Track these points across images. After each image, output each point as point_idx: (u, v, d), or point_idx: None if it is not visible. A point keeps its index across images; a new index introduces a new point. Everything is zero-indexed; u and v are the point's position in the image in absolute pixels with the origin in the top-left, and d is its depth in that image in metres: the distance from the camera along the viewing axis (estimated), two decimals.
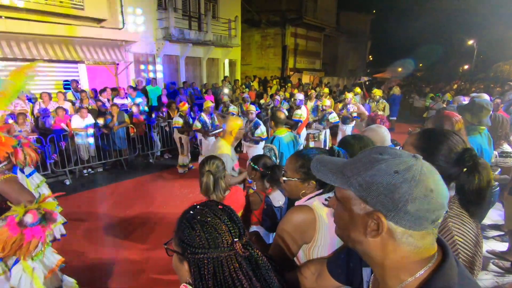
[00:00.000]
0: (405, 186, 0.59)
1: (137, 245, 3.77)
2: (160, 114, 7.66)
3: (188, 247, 0.82)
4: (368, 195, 0.63)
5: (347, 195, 0.68)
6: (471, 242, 1.05)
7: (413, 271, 0.64)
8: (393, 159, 0.63)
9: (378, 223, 0.63)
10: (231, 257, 0.82)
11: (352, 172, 0.66)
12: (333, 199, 0.77)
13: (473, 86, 17.11)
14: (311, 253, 1.26)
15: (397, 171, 0.61)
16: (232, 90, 11.18)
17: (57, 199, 1.99)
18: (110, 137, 6.52)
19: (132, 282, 3.10)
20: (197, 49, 12.38)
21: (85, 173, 6.41)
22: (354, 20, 24.16)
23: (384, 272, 0.68)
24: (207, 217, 0.86)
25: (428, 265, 0.64)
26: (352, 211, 0.68)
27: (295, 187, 1.39)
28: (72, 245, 3.73)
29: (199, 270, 0.81)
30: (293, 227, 1.25)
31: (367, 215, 0.64)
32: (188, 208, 0.92)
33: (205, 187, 1.90)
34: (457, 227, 1.07)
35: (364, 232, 0.66)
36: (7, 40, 7.24)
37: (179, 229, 0.87)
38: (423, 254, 0.64)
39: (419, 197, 0.59)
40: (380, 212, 0.62)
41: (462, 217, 1.10)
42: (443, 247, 0.68)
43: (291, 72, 18.77)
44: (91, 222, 4.34)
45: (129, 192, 5.51)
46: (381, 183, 0.61)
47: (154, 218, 4.48)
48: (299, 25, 18.91)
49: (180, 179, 6.20)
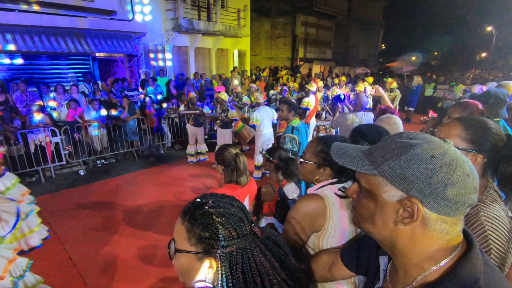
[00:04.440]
0: (444, 170, 0.59)
1: (149, 233, 3.85)
2: (170, 105, 7.70)
3: (216, 243, 0.78)
4: (402, 181, 0.61)
5: (375, 182, 0.66)
6: (504, 238, 1.00)
7: (438, 260, 0.63)
8: (427, 143, 0.62)
9: (412, 210, 0.61)
10: (253, 242, 0.81)
11: (383, 158, 0.64)
12: (354, 188, 0.74)
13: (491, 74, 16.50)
14: (321, 242, 1.25)
15: (433, 156, 0.60)
16: (241, 81, 11.12)
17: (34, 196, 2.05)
18: (121, 128, 6.60)
19: (143, 273, 3.18)
20: (206, 40, 12.31)
21: (98, 163, 6.54)
22: (366, 8, 23.42)
23: (407, 261, 0.67)
24: (230, 208, 0.83)
25: (453, 253, 0.63)
26: (381, 198, 0.65)
27: (310, 171, 1.38)
28: (87, 233, 3.84)
29: (229, 264, 0.78)
30: (302, 215, 1.25)
31: (400, 202, 0.62)
32: (194, 205, 0.84)
33: (243, 166, 1.99)
34: (490, 221, 1.03)
35: (395, 220, 0.64)
36: (21, 33, 7.35)
37: (196, 227, 0.80)
38: (451, 242, 0.63)
39: (458, 182, 0.58)
40: (416, 198, 0.60)
41: (496, 212, 1.06)
42: (468, 236, 0.66)
43: (301, 62, 18.49)
44: (106, 211, 4.44)
45: (141, 182, 5.60)
46: (418, 168, 0.60)
47: (166, 207, 4.55)
48: (310, 14, 18.52)
49: (191, 169, 6.25)
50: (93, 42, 8.56)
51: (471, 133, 1.16)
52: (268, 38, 19.28)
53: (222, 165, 2.00)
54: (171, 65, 11.34)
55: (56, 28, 7.80)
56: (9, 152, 5.26)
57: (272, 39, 19.11)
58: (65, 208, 4.57)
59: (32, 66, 8.14)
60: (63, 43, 7.98)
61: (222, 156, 2.00)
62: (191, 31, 11.14)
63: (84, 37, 8.43)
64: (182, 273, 0.84)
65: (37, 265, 3.23)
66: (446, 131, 1.22)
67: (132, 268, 3.22)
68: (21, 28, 7.32)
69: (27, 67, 8.02)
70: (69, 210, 4.51)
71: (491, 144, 1.13)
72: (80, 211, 4.46)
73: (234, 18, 13.17)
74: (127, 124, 6.63)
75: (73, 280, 3.05)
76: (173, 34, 10.84)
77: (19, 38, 7.30)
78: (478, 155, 1.14)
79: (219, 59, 13.69)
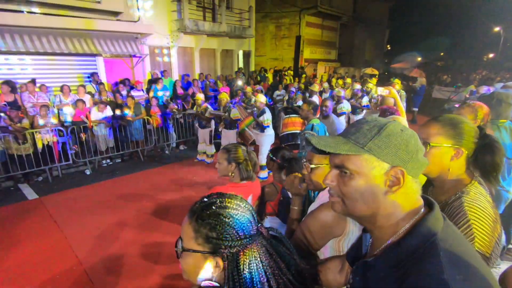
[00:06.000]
0: (412, 139, 0.72)
1: (155, 232, 3.89)
2: (175, 105, 7.75)
3: (223, 243, 0.78)
4: (387, 153, 0.71)
5: (362, 161, 0.72)
6: (489, 227, 1.03)
7: (405, 223, 0.72)
8: (389, 122, 0.74)
9: (397, 177, 0.70)
10: (260, 242, 0.82)
11: (365, 138, 0.73)
12: (333, 175, 0.78)
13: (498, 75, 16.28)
14: (341, 245, 1.24)
15: (402, 129, 0.73)
16: (247, 82, 11.15)
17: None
18: (127, 128, 6.67)
19: (148, 271, 3.21)
20: (211, 41, 12.35)
21: (104, 163, 6.61)
22: (371, 8, 23.28)
23: (382, 230, 0.75)
24: (237, 208, 0.83)
25: (416, 217, 0.72)
26: (370, 175, 0.72)
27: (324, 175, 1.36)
28: (93, 231, 3.89)
29: (235, 263, 0.78)
30: (320, 226, 1.23)
31: (386, 173, 0.71)
32: (202, 205, 0.85)
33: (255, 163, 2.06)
34: (473, 211, 1.06)
35: (385, 191, 0.71)
36: (29, 34, 7.46)
37: (203, 227, 0.81)
38: (416, 204, 0.74)
39: (421, 147, 0.74)
40: (399, 166, 0.71)
41: (479, 203, 1.09)
42: (430, 203, 0.76)
43: (306, 63, 18.45)
44: (112, 210, 4.50)
45: (147, 182, 5.65)
46: (397, 140, 0.71)
47: (171, 206, 4.60)
48: (315, 14, 18.47)
49: (196, 169, 6.29)
50: (99, 43, 8.65)
51: (449, 129, 1.21)
52: (272, 38, 19.25)
53: (235, 162, 2.01)
54: (176, 66, 11.41)
55: (62, 29, 7.91)
56: (18, 151, 5.35)
57: (277, 39, 19.08)
58: (72, 207, 4.64)
59: (39, 66, 8.25)
60: (70, 44, 8.09)
61: (236, 153, 2.01)
62: (196, 32, 11.20)
63: (91, 38, 8.53)
64: (188, 271, 0.85)
65: (43, 263, 3.29)
66: (426, 132, 1.25)
67: (138, 266, 3.26)
68: (30, 30, 7.43)
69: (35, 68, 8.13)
70: (75, 209, 4.57)
71: (467, 137, 1.20)
72: (86, 210, 4.52)
73: (239, 19, 13.21)
74: (132, 125, 6.70)
75: (79, 278, 3.09)
76: (179, 35, 10.90)
77: (27, 39, 7.41)
78: (461, 149, 1.19)
79: (224, 60, 13.73)
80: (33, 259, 3.38)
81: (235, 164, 2.01)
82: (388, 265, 0.70)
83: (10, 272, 3.18)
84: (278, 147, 2.42)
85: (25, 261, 3.34)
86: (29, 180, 5.62)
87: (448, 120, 1.25)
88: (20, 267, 3.24)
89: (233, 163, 2.01)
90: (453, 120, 1.24)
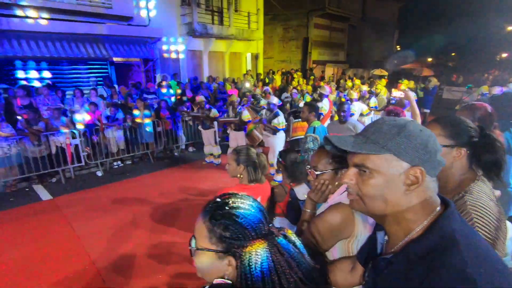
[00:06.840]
0: (431, 139, 0.74)
1: (165, 233, 3.93)
2: (184, 108, 7.83)
3: (236, 242, 0.81)
4: (407, 153, 0.72)
5: (382, 161, 0.74)
6: (492, 226, 1.03)
7: (422, 220, 0.73)
8: (407, 122, 0.75)
9: (416, 176, 0.72)
10: (271, 242, 0.84)
11: (385, 138, 0.74)
12: (352, 174, 0.80)
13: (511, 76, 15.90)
14: (351, 246, 1.25)
15: (421, 130, 0.74)
16: (254, 84, 11.19)
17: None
18: (138, 131, 6.78)
19: (158, 271, 3.26)
20: (220, 43, 12.46)
21: (115, 165, 6.73)
22: (381, 9, 23.08)
23: (398, 227, 0.76)
24: (250, 209, 0.85)
25: (433, 214, 0.74)
26: (389, 173, 0.73)
27: (330, 180, 1.37)
28: (105, 231, 3.97)
29: (248, 262, 0.79)
30: (329, 228, 1.24)
31: (405, 173, 0.72)
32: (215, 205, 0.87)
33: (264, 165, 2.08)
34: (476, 210, 1.07)
35: (404, 189, 0.73)
36: (44, 40, 7.69)
37: (217, 227, 0.83)
38: (433, 203, 0.75)
39: (439, 148, 0.76)
40: (418, 165, 0.72)
41: (482, 202, 1.09)
42: (446, 201, 0.77)
43: (314, 64, 18.40)
44: (123, 211, 4.58)
45: (157, 184, 5.73)
46: (416, 140, 0.72)
47: (181, 207, 4.65)
48: (323, 16, 18.43)
49: (205, 171, 6.34)
50: (111, 47, 8.85)
51: (449, 130, 1.22)
52: (280, 41, 19.28)
53: (245, 164, 2.03)
54: (185, 69, 11.55)
55: (75, 35, 8.12)
56: (33, 153, 5.51)
57: (285, 42, 19.10)
58: (84, 207, 4.74)
59: (53, 71, 8.49)
60: (82, 48, 8.30)
61: (247, 155, 2.04)
62: (205, 35, 11.33)
63: (103, 42, 8.74)
64: (202, 270, 0.87)
65: (55, 263, 3.37)
66: None
67: (148, 266, 3.31)
68: (43, 35, 7.66)
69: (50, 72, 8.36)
70: (88, 209, 4.67)
71: (468, 137, 1.21)
72: (98, 211, 4.61)
73: (247, 22, 13.29)
74: (143, 127, 6.81)
75: (91, 277, 3.16)
76: (188, 39, 11.05)
77: (42, 44, 7.64)
78: (462, 149, 1.20)
79: (232, 62, 13.83)
80: (47, 258, 3.47)
81: (243, 166, 2.03)
82: (408, 261, 0.70)
83: (26, 270, 3.27)
84: (287, 149, 2.44)
85: (39, 260, 3.43)
86: (43, 181, 5.77)
87: (448, 120, 1.26)
88: (36, 266, 3.33)
89: (241, 165, 2.03)
90: (453, 120, 1.26)
